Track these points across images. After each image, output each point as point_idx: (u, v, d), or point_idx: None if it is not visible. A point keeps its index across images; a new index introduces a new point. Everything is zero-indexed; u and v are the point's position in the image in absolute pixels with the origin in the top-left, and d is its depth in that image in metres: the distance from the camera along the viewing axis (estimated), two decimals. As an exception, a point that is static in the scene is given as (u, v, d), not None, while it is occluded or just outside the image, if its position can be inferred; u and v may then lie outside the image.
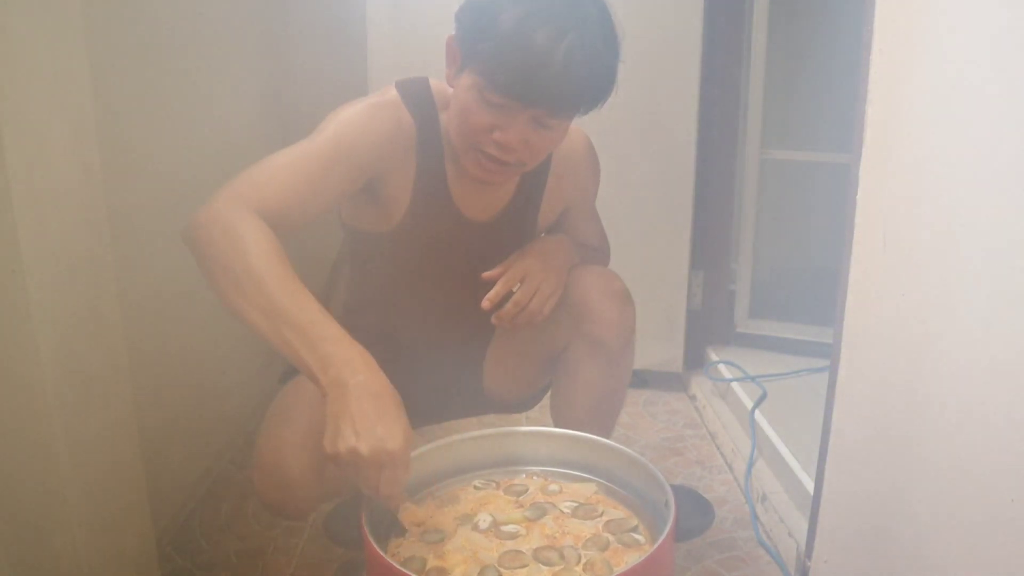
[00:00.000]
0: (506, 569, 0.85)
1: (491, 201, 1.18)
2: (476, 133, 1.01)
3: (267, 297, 0.83)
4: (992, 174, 0.77)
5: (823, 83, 2.39)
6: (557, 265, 1.16)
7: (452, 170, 1.13)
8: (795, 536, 1.37)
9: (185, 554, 1.41)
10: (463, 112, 1.01)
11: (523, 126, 1.00)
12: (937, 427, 0.87)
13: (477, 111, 1.00)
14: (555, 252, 1.18)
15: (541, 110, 0.98)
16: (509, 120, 0.99)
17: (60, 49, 0.95)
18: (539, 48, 0.93)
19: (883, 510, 0.99)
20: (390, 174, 1.10)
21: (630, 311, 1.17)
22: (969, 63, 0.81)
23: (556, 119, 1.01)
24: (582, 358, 1.18)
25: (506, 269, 1.14)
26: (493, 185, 1.13)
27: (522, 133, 1.00)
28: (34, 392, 0.92)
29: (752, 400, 1.85)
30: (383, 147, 1.06)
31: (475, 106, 1.00)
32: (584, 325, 1.15)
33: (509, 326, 1.14)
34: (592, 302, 1.14)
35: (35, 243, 0.90)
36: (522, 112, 0.98)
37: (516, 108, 0.98)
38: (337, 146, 1.01)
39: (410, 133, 1.09)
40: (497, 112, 0.99)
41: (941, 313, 0.86)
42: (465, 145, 1.04)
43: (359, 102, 1.08)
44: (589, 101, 1.01)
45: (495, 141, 1.01)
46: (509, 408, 1.36)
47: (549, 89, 0.95)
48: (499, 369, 1.30)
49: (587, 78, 0.97)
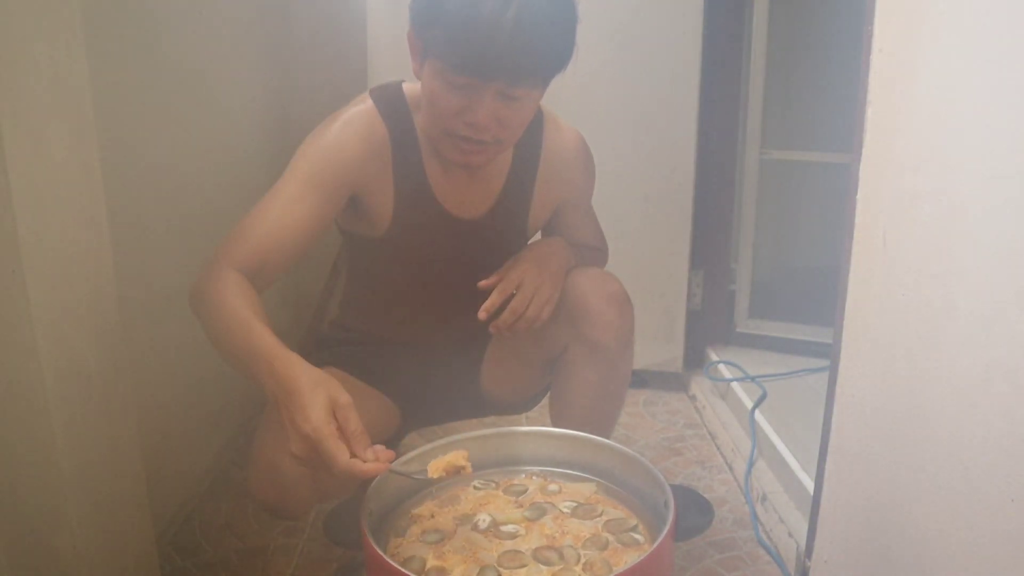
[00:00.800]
0: (505, 569, 0.85)
1: (478, 197, 1.18)
2: (447, 118, 1.02)
3: (232, 349, 0.93)
4: (992, 174, 0.77)
5: (823, 83, 2.39)
6: (553, 269, 1.15)
7: (433, 169, 1.14)
8: (795, 536, 1.37)
9: (185, 554, 1.41)
10: (431, 100, 1.03)
11: (490, 102, 1.00)
12: (937, 427, 0.87)
13: (444, 96, 1.01)
14: (551, 256, 1.18)
15: (502, 82, 0.98)
16: (476, 99, 1.00)
17: (60, 49, 0.95)
18: (486, 20, 0.93)
19: (883, 510, 0.99)
20: (369, 185, 1.11)
21: (628, 313, 1.16)
22: (969, 63, 0.81)
23: (520, 89, 1.00)
24: (580, 361, 1.17)
25: (501, 277, 1.13)
26: (477, 170, 1.13)
27: (491, 110, 1.01)
28: (34, 392, 0.92)
29: (752, 400, 1.85)
30: (355, 162, 1.09)
31: (441, 91, 1.01)
32: (582, 328, 1.14)
33: (508, 334, 1.14)
34: (590, 305, 1.13)
35: (35, 243, 0.90)
36: (486, 88, 0.99)
37: (479, 85, 0.98)
38: (309, 176, 1.06)
39: (384, 140, 1.11)
40: (462, 93, 1.00)
41: (941, 313, 0.86)
42: (440, 132, 1.05)
43: (331, 121, 1.11)
44: (548, 66, 1.01)
45: (466, 123, 1.02)
46: (508, 410, 1.36)
47: (503, 59, 0.95)
48: (497, 371, 1.30)
49: (539, 43, 0.97)
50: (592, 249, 1.33)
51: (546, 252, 1.18)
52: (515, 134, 1.08)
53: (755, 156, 2.18)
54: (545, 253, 1.18)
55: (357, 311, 1.33)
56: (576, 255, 1.23)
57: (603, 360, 1.16)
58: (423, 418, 1.33)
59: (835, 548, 1.14)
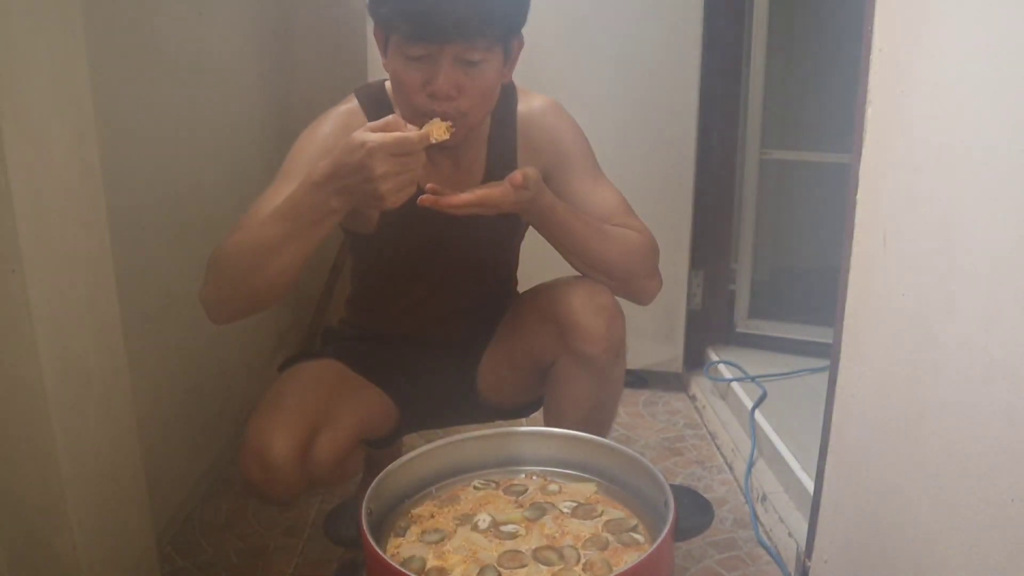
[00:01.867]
0: (505, 569, 0.85)
1: (463, 183, 1.16)
2: (413, 95, 1.03)
3: (281, 238, 0.98)
4: (992, 174, 0.77)
5: (823, 83, 2.40)
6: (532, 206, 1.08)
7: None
8: (795, 536, 1.37)
9: (185, 554, 1.41)
10: (397, 81, 1.05)
11: (449, 70, 1.00)
12: (937, 427, 0.87)
13: (406, 73, 1.02)
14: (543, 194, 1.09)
15: (456, 44, 0.99)
16: (435, 69, 1.01)
17: (60, 49, 0.95)
18: None
19: (883, 510, 0.99)
20: None
21: (618, 325, 1.13)
22: (969, 63, 0.81)
23: (475, 51, 1.00)
24: (571, 373, 1.15)
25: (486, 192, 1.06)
26: (455, 150, 1.12)
27: (451, 77, 1.01)
28: (34, 392, 0.92)
29: (752, 400, 1.85)
30: None
31: (403, 69, 1.02)
32: (571, 341, 1.12)
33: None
34: (578, 317, 1.11)
35: (35, 243, 0.90)
36: (442, 55, 1.00)
37: (436, 52, 0.99)
38: (299, 176, 1.05)
39: None
40: (421, 65, 1.01)
41: (941, 313, 0.86)
42: (410, 113, 1.05)
43: (317, 122, 1.13)
44: (498, 23, 1.01)
45: (429, 94, 1.02)
46: (505, 415, 1.36)
47: (449, 18, 0.96)
48: (493, 376, 1.29)
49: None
50: (622, 228, 1.17)
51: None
52: (480, 106, 1.06)
53: (755, 156, 2.18)
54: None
55: (359, 306, 1.34)
56: (582, 220, 1.14)
57: (594, 372, 1.14)
58: (420, 419, 1.33)
59: (835, 548, 1.14)
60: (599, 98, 1.94)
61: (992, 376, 0.77)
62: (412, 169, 0.93)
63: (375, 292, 1.30)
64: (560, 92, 1.29)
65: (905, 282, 0.93)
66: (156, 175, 1.38)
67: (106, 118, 1.16)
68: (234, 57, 1.73)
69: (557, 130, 1.20)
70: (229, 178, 1.70)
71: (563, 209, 1.11)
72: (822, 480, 1.17)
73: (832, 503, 1.14)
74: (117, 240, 1.09)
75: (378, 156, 0.90)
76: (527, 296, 1.25)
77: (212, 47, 1.62)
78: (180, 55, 1.47)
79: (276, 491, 1.08)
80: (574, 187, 1.19)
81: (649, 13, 1.91)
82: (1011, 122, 0.74)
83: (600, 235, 1.13)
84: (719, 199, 2.13)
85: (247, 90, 1.82)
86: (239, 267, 1.00)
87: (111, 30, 1.22)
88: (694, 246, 2.09)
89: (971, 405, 0.81)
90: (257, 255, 0.99)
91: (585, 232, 1.12)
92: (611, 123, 1.95)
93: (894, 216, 0.95)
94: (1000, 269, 0.76)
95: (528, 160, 1.19)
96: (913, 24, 0.91)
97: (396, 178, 0.91)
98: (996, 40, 0.77)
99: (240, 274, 1.00)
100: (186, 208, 1.50)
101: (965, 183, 0.81)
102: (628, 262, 1.15)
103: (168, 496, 1.45)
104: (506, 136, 1.18)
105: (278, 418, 1.08)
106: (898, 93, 0.94)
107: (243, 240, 1.00)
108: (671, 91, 1.95)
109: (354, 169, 0.91)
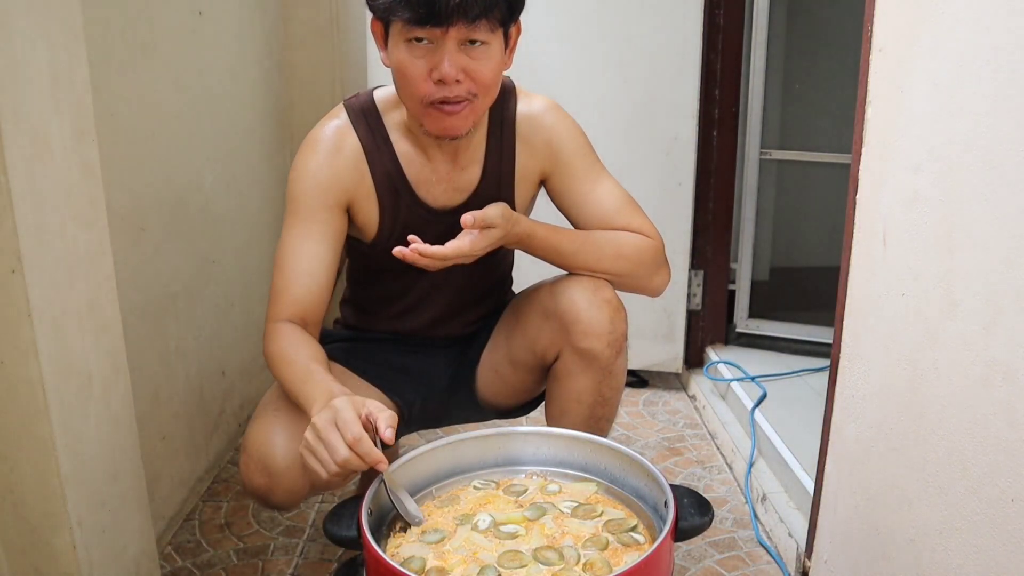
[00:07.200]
0: (506, 569, 0.85)
1: (458, 185, 1.17)
2: (418, 84, 1.02)
3: (291, 388, 1.04)
4: (992, 174, 0.77)
5: (823, 83, 2.40)
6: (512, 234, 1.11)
7: (412, 166, 1.15)
8: (795, 536, 1.37)
9: (185, 554, 1.41)
10: (401, 71, 1.04)
11: (454, 54, 1.00)
12: (937, 427, 0.87)
13: (411, 62, 1.01)
14: (519, 221, 1.12)
15: (458, 24, 0.98)
16: (439, 54, 1.00)
17: (60, 49, 0.95)
18: None
19: (883, 510, 0.99)
20: (353, 196, 1.14)
21: (621, 320, 1.14)
22: (969, 62, 0.81)
23: (478, 31, 1.00)
24: (573, 369, 1.16)
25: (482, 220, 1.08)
26: (458, 142, 1.12)
27: (456, 61, 1.00)
28: (33, 391, 0.92)
29: (752, 400, 1.85)
30: (331, 180, 1.11)
31: (407, 59, 1.02)
32: (573, 337, 1.13)
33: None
34: (580, 313, 1.12)
35: (35, 243, 0.90)
36: (444, 38, 0.99)
37: (439, 36, 0.99)
38: (302, 210, 1.11)
39: (355, 150, 1.13)
40: (425, 52, 1.00)
41: (941, 313, 0.86)
42: (416, 105, 1.05)
43: (304, 145, 1.14)
44: (502, 1, 1.00)
45: (436, 81, 1.01)
46: (505, 415, 1.36)
47: None
48: (492, 375, 1.29)
49: None
50: (619, 231, 1.17)
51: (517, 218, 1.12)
52: (487, 90, 1.06)
53: (755, 156, 2.18)
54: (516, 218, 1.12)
55: (355, 307, 1.33)
56: (568, 236, 1.16)
57: (596, 368, 1.15)
58: (419, 419, 1.33)
59: (835, 548, 1.14)
60: (599, 98, 1.95)
61: (992, 376, 0.77)
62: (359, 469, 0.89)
63: (372, 294, 1.30)
64: (560, 92, 1.29)
65: (905, 282, 0.93)
66: (156, 175, 1.38)
67: (106, 118, 1.16)
68: (234, 57, 1.73)
69: (556, 131, 1.20)
70: (229, 178, 1.70)
71: (543, 232, 1.14)
72: (822, 480, 1.17)
73: (832, 503, 1.14)
74: (117, 240, 1.09)
75: (340, 455, 0.87)
76: (527, 293, 1.25)
77: (212, 47, 1.62)
78: (180, 55, 1.47)
79: (279, 497, 1.08)
80: (574, 188, 1.19)
81: (649, 13, 1.91)
82: (1011, 122, 0.74)
83: (591, 246, 1.16)
84: (719, 199, 2.13)
85: (247, 90, 1.81)
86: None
87: (111, 30, 1.22)
88: (694, 246, 2.09)
89: (971, 405, 0.81)
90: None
91: (572, 248, 1.15)
92: (611, 123, 1.96)
93: (894, 216, 0.95)
94: (1000, 269, 0.76)
95: (527, 160, 1.19)
96: (913, 24, 0.91)
97: (347, 468, 0.88)
98: (996, 40, 0.77)
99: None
100: (186, 208, 1.50)
101: (965, 183, 0.81)
102: (626, 265, 1.16)
103: (168, 496, 1.45)
104: (505, 136, 1.18)
105: (279, 423, 1.07)
106: (898, 93, 0.94)
107: (274, 367, 1.07)
108: (671, 91, 1.95)
109: (323, 442, 0.89)
